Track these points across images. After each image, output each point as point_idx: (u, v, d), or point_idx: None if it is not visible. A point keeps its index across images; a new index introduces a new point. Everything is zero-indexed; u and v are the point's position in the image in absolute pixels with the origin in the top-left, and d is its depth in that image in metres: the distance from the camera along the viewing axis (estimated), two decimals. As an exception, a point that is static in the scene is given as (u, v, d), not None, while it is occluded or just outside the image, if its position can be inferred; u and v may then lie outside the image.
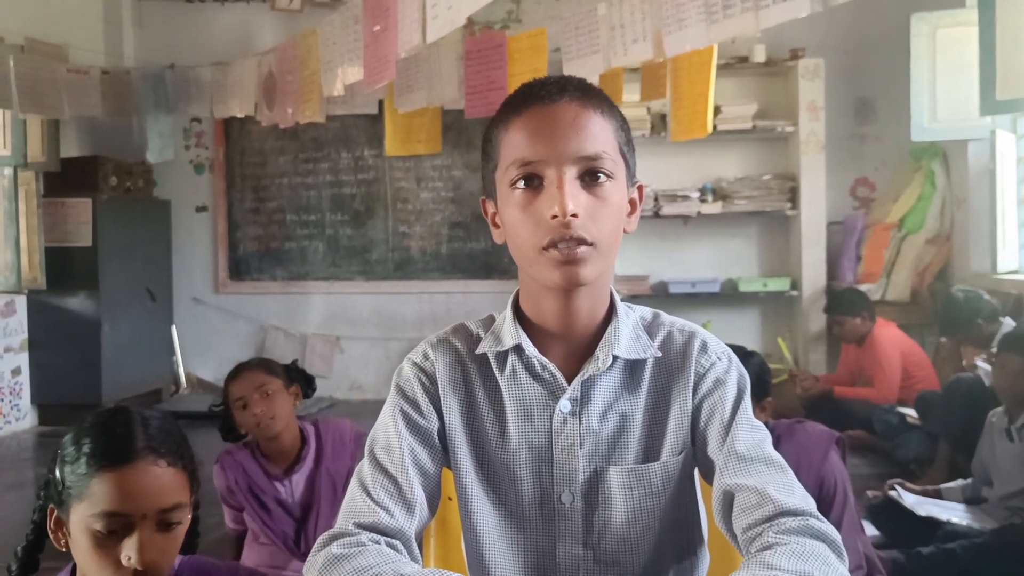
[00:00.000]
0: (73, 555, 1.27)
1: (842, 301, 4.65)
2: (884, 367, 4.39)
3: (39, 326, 5.39)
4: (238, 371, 2.44)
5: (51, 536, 1.30)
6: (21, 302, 5.32)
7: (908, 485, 3.30)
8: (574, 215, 1.01)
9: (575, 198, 1.02)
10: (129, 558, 1.19)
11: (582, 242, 1.02)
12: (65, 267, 5.37)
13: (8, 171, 5.12)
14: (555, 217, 1.01)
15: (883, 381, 4.39)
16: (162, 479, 1.24)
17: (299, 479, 2.41)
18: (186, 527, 1.30)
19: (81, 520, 1.22)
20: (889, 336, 4.48)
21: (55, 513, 1.28)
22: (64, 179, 5.48)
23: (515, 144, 1.06)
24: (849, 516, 2.24)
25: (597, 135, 1.05)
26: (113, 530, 1.21)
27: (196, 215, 6.28)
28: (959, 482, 3.29)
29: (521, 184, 1.05)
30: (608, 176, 1.05)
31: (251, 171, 6.23)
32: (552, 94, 1.06)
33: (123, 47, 6.07)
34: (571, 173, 1.03)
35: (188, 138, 6.24)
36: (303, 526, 2.39)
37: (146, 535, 1.21)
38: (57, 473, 1.27)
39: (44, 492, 1.33)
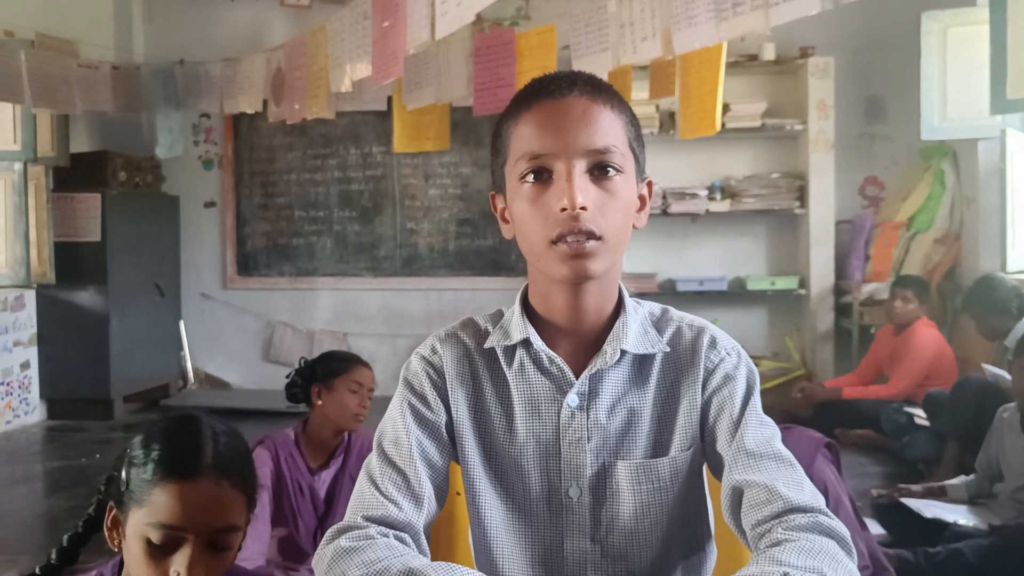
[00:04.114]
0: (124, 557, 1.26)
1: (911, 282, 4.61)
2: (915, 361, 4.35)
3: (48, 320, 5.41)
4: (362, 362, 2.58)
5: (106, 533, 1.30)
6: (30, 296, 5.35)
7: (912, 488, 3.29)
8: (583, 208, 1.01)
9: (584, 191, 1.02)
10: (178, 573, 1.19)
11: (591, 235, 1.02)
12: (74, 262, 5.38)
13: (18, 166, 5.13)
14: (564, 210, 1.01)
15: (905, 374, 4.36)
16: (222, 500, 1.23)
17: (327, 476, 2.49)
18: (236, 551, 1.29)
19: (137, 526, 1.22)
20: (930, 335, 4.44)
21: (113, 511, 1.27)
22: (73, 174, 5.49)
23: (524, 137, 1.06)
24: (846, 519, 2.23)
25: (607, 129, 1.05)
26: (167, 542, 1.20)
27: (204, 211, 6.30)
28: (962, 478, 3.28)
29: (530, 178, 1.05)
30: (617, 170, 1.05)
31: (259, 167, 6.24)
32: (562, 88, 1.06)
33: (133, 43, 6.09)
34: (580, 166, 1.03)
35: (197, 134, 6.26)
36: (321, 524, 2.44)
37: (197, 553, 1.20)
38: (123, 473, 1.25)
39: (105, 488, 1.32)
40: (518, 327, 1.12)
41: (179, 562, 1.19)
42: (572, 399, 1.09)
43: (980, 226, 4.84)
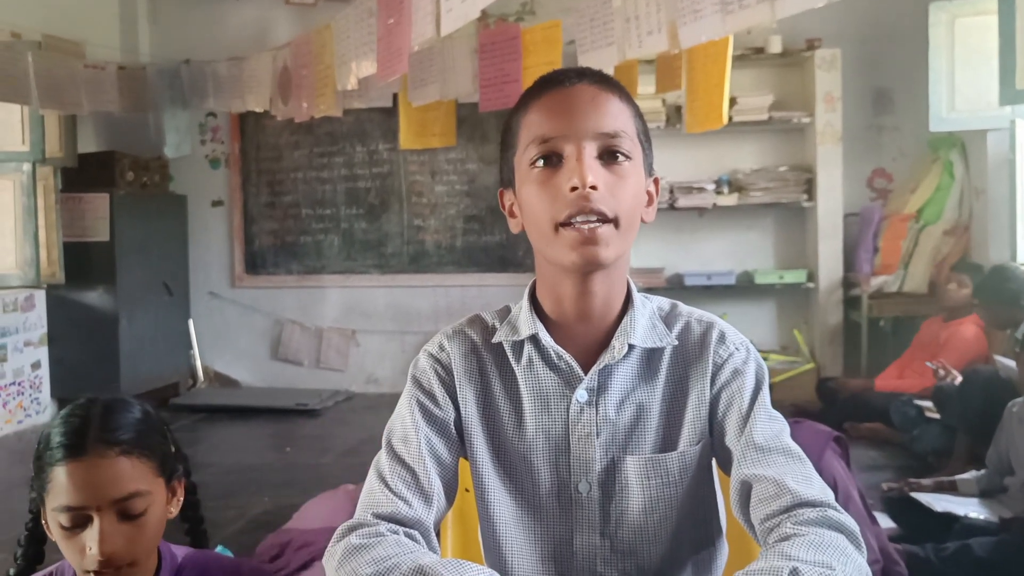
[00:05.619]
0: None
1: (967, 266, 4.54)
2: (956, 358, 4.23)
3: (58, 320, 5.43)
4: None
5: (44, 527, 1.32)
6: (40, 297, 5.36)
7: (922, 482, 3.27)
8: (593, 187, 1.01)
9: (595, 172, 1.02)
10: (90, 549, 1.21)
11: (601, 217, 1.02)
12: (83, 262, 5.40)
13: (27, 167, 5.15)
14: (574, 189, 1.01)
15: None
16: (113, 470, 1.24)
17: None
18: (158, 515, 1.29)
19: (50, 513, 1.25)
20: (976, 334, 4.36)
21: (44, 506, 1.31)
22: (81, 174, 5.51)
23: (534, 124, 1.06)
24: (855, 513, 2.23)
25: (616, 114, 1.06)
26: (76, 523, 1.22)
27: (212, 210, 6.31)
28: (973, 473, 3.27)
29: (540, 162, 1.05)
30: (627, 156, 1.05)
31: (266, 165, 6.25)
32: (571, 78, 1.07)
33: (139, 43, 6.10)
34: (591, 149, 1.03)
35: (204, 133, 6.27)
36: None
37: (107, 526, 1.21)
38: (33, 465, 1.29)
39: (34, 484, 1.35)
40: (526, 322, 1.12)
41: (90, 538, 1.21)
42: (581, 394, 1.09)
43: (990, 217, 4.81)
